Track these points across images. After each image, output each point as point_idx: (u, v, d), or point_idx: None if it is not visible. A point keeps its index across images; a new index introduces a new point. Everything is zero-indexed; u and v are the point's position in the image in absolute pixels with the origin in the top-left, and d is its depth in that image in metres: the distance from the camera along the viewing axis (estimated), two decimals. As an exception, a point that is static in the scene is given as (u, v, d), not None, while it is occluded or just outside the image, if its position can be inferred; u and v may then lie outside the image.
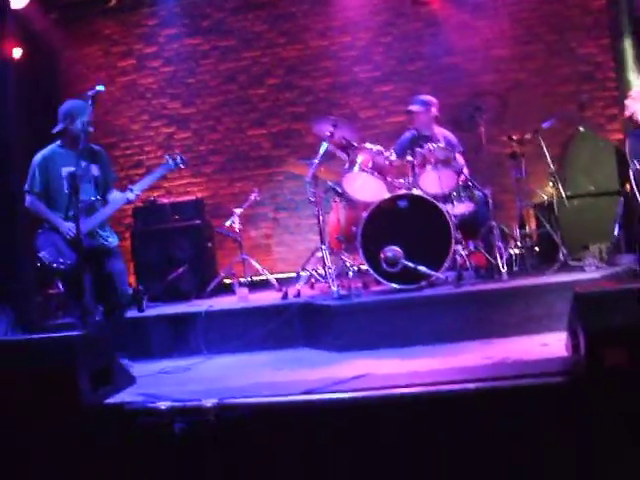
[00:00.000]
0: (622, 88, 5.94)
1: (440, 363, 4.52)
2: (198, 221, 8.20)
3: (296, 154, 8.60)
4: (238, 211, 7.66)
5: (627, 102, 4.99)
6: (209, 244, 8.41)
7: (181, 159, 5.87)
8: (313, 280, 6.74)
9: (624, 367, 2.81)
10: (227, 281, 7.96)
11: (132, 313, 6.34)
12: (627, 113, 4.92)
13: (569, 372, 3.08)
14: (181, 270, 7.63)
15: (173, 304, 7.17)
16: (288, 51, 8.92)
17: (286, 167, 7.59)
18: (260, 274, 7.69)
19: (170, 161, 5.86)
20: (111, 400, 3.74)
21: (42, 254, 5.25)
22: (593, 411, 2.85)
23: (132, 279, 7.77)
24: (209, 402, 3.37)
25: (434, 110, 6.98)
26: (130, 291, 5.89)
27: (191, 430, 3.33)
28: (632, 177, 4.85)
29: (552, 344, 4.70)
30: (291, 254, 8.78)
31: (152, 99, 9.40)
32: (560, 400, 2.99)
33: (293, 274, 7.40)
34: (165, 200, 8.41)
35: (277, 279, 7.46)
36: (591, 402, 2.86)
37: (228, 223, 7.63)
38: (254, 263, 7.67)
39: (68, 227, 5.23)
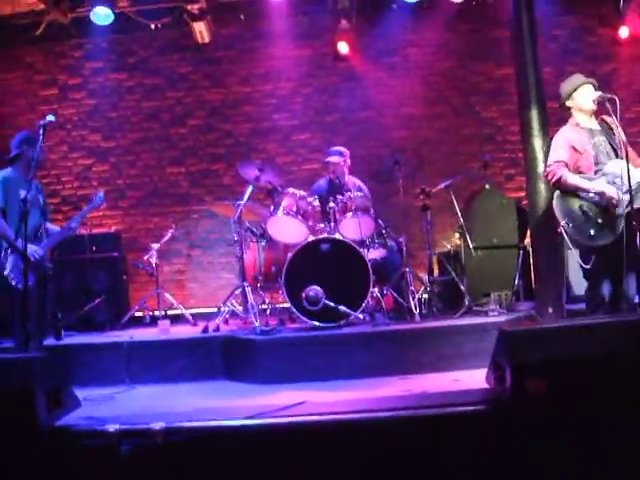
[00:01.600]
0: (528, 153, 6.49)
1: (363, 395, 4.75)
2: (115, 253, 8.27)
3: (212, 194, 8.89)
4: (156, 246, 7.82)
5: (553, 168, 5.44)
6: (124, 277, 8.52)
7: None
8: (227, 316, 6.88)
9: (543, 395, 3.23)
10: (139, 314, 8.03)
11: (50, 341, 6.35)
12: (554, 178, 5.36)
13: (495, 400, 3.46)
14: (97, 301, 7.70)
15: (88, 334, 7.19)
16: (211, 94, 9.14)
17: (208, 205, 7.79)
18: (173, 308, 7.85)
19: (99, 197, 6.08)
20: (61, 422, 3.76)
21: (8, 273, 5.32)
22: (518, 435, 3.24)
23: (47, 307, 7.79)
24: (157, 425, 3.45)
25: (348, 160, 7.40)
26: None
27: (138, 452, 3.41)
28: (564, 233, 5.30)
29: (463, 380, 5.17)
30: (203, 290, 8.97)
31: (72, 130, 9.44)
32: (487, 426, 3.36)
33: (206, 309, 7.64)
34: (83, 231, 8.45)
35: (191, 314, 7.64)
36: (516, 427, 3.25)
37: (147, 257, 7.79)
38: (169, 297, 7.82)
39: (35, 250, 5.34)
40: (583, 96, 5.53)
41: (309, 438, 3.46)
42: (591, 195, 5.28)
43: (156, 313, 7.72)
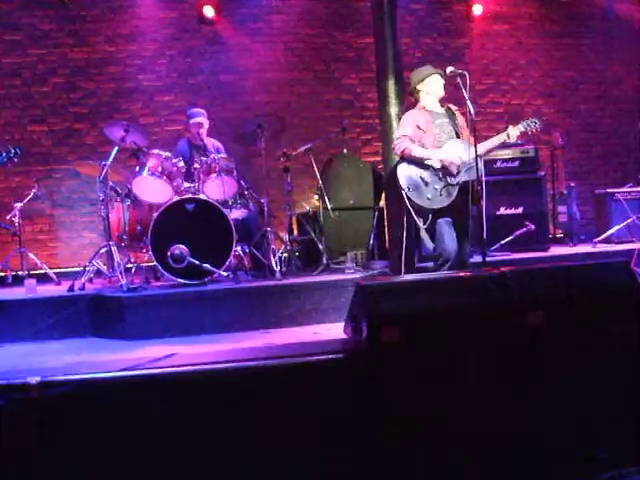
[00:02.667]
0: (385, 120, 6.87)
1: (229, 347, 4.98)
2: (-25, 213, 8.09)
3: (75, 153, 8.79)
4: (18, 205, 7.72)
5: (399, 141, 5.98)
6: (-15, 237, 8.36)
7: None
8: (92, 275, 6.87)
9: (397, 342, 3.59)
10: (1, 274, 7.97)
11: None
12: (399, 150, 5.96)
13: (352, 349, 3.82)
14: (-44, 260, 7.58)
15: (-52, 293, 7.06)
16: (75, 52, 8.97)
17: (74, 165, 7.74)
18: (37, 268, 7.79)
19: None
20: None
21: None
22: (375, 380, 3.60)
23: None
24: (33, 380, 3.39)
25: (208, 122, 7.56)
26: None
27: (14, 406, 3.36)
28: (404, 197, 5.88)
29: (322, 332, 5.56)
30: (66, 250, 8.90)
31: None
32: (347, 372, 3.69)
33: (70, 269, 7.67)
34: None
35: (55, 273, 7.61)
36: (372, 373, 3.60)
37: (9, 216, 7.69)
38: (33, 257, 7.77)
39: None
40: (432, 84, 6.08)
41: (180, 388, 3.58)
42: (432, 163, 5.86)
43: (19, 273, 7.66)
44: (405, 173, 5.94)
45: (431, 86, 6.08)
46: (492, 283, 3.99)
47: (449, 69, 5.86)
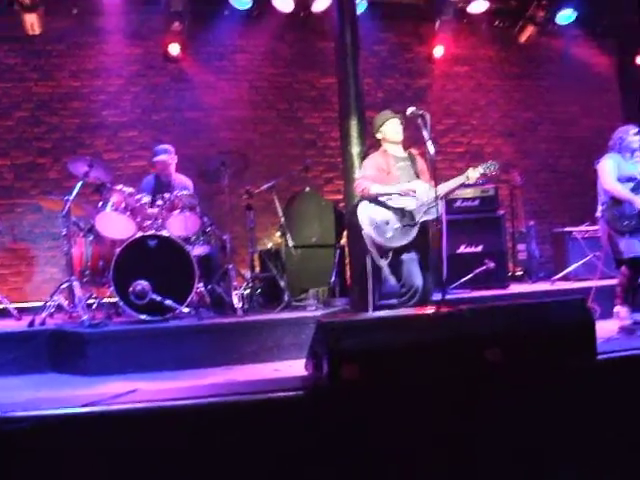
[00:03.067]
0: (347, 159, 6.98)
1: (190, 384, 4.95)
2: None
3: (38, 188, 8.75)
4: (-22, 239, 7.70)
5: (360, 181, 6.14)
6: (-55, 269, 8.25)
7: None
8: (53, 310, 6.77)
9: (357, 379, 3.64)
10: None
11: None
12: (360, 190, 6.08)
13: (313, 386, 3.85)
14: None
15: None
16: (40, 87, 8.94)
17: (37, 200, 7.72)
18: (-2, 303, 7.70)
19: None
20: None
21: None
22: (335, 416, 3.64)
23: None
24: None
25: (175, 158, 7.64)
26: None
27: None
28: (365, 236, 6.00)
29: (283, 369, 5.55)
30: (27, 285, 8.81)
31: None
32: (307, 408, 3.73)
33: (31, 304, 7.59)
34: None
35: (15, 308, 7.51)
36: (333, 408, 3.65)
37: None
38: (-6, 292, 7.65)
39: None
40: (390, 128, 6.23)
41: (141, 424, 3.57)
42: (392, 201, 5.98)
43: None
44: (366, 212, 6.05)
45: (389, 132, 6.23)
46: (451, 320, 4.08)
47: (409, 110, 5.90)
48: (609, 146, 6.81)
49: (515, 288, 8.48)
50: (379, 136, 6.32)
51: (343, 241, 7.98)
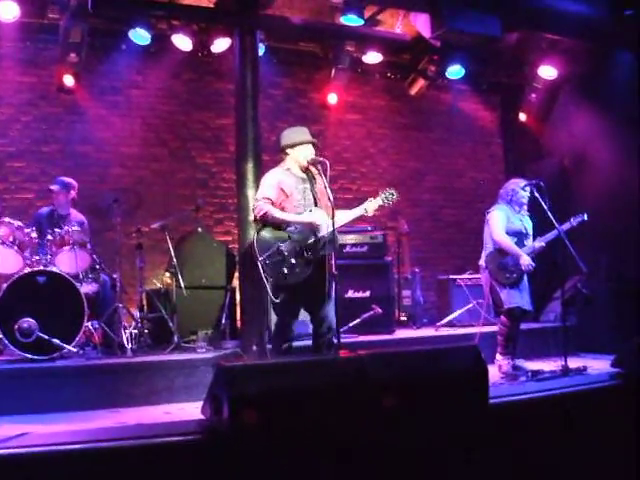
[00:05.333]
0: (241, 202, 7.00)
1: (77, 427, 4.80)
2: None
3: None
4: None
5: (260, 204, 5.71)
6: None
7: None
8: None
9: (256, 423, 3.63)
10: None
11: None
12: (260, 213, 5.69)
13: (212, 430, 3.81)
14: None
15: None
16: None
17: None
18: None
19: None
20: None
21: None
22: (234, 462, 3.61)
23: None
24: None
25: (73, 193, 7.46)
26: None
27: None
28: (260, 268, 5.70)
29: (174, 412, 5.53)
30: None
31: None
32: (206, 453, 3.68)
33: None
34: None
35: None
36: (233, 453, 3.61)
37: None
38: None
39: None
40: (304, 152, 5.89)
41: (33, 469, 3.47)
42: (292, 232, 5.69)
43: None
44: (263, 242, 5.67)
45: (301, 155, 5.89)
46: (349, 366, 4.13)
47: (311, 156, 5.88)
48: (500, 196, 7.08)
49: (400, 333, 8.64)
50: (288, 152, 5.92)
51: (234, 283, 7.97)
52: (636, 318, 7.73)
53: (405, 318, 9.55)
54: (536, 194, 6.75)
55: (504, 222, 6.83)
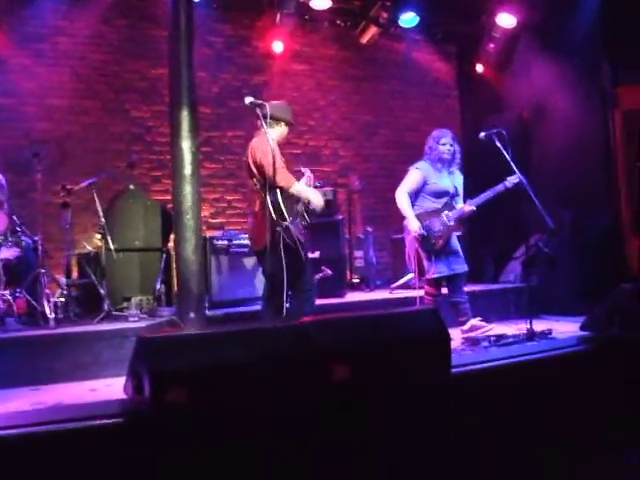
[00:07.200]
0: (176, 155, 6.37)
1: None
2: None
3: None
4: None
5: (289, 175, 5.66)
6: None
7: None
8: None
9: (183, 402, 3.10)
10: None
11: None
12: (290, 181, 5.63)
13: (134, 411, 3.26)
14: None
15: None
16: None
17: None
18: None
19: None
20: None
21: None
22: (159, 446, 3.09)
23: None
24: None
25: None
26: None
27: None
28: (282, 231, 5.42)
29: (100, 389, 5.01)
30: None
31: None
32: (127, 436, 3.15)
33: None
34: None
35: None
36: (157, 435, 3.09)
37: None
38: None
39: None
40: (284, 132, 5.93)
41: None
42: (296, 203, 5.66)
43: None
44: (287, 205, 5.50)
45: (282, 134, 5.93)
46: (291, 335, 3.61)
47: (248, 99, 5.41)
48: (424, 151, 6.54)
49: (352, 296, 8.25)
50: (273, 126, 5.69)
51: (170, 244, 7.34)
52: (599, 277, 7.37)
53: (357, 280, 9.23)
54: (497, 143, 6.21)
55: (417, 182, 6.37)
